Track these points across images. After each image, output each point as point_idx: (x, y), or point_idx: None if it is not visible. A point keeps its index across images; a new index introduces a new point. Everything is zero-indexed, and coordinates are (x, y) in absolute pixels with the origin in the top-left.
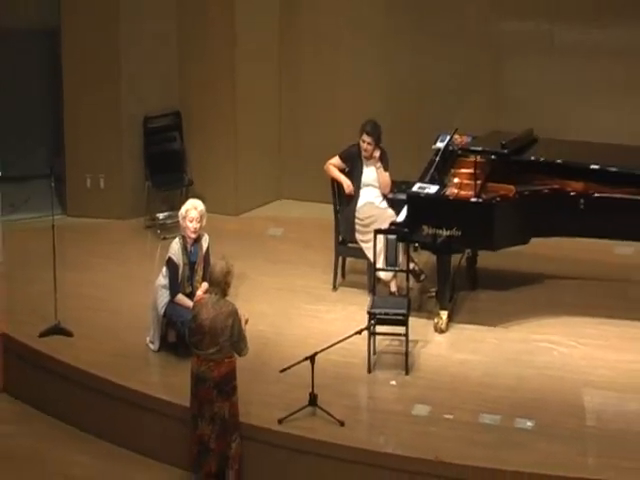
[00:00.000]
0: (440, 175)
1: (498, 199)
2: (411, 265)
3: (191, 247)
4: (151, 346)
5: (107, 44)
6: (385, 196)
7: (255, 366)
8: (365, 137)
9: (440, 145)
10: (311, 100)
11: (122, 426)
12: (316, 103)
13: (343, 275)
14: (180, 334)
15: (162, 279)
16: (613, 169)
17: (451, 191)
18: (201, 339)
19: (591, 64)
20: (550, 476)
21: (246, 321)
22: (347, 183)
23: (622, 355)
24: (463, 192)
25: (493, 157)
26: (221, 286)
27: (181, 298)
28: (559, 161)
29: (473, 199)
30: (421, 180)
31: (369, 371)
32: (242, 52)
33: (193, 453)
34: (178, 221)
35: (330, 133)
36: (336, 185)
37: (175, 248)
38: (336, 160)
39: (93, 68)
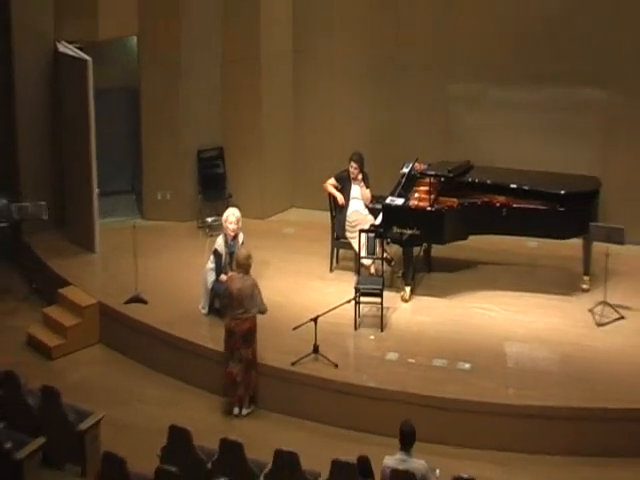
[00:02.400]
0: (405, 191)
1: (445, 208)
2: (385, 254)
3: (231, 242)
4: (202, 311)
5: (172, 97)
6: (366, 206)
7: (274, 324)
8: (352, 164)
9: (405, 170)
10: (315, 136)
11: (179, 365)
12: (319, 139)
13: (337, 261)
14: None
15: (210, 264)
16: (525, 187)
17: (413, 202)
18: (232, 304)
19: (514, 113)
20: (482, 402)
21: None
22: (340, 197)
23: (532, 318)
24: (421, 203)
25: (442, 179)
26: (244, 267)
27: (223, 277)
28: (488, 181)
29: (428, 208)
30: (392, 195)
31: (355, 329)
32: (267, 103)
33: (225, 384)
34: (221, 223)
35: (329, 160)
36: (332, 198)
37: (219, 242)
38: (332, 180)
39: (162, 114)
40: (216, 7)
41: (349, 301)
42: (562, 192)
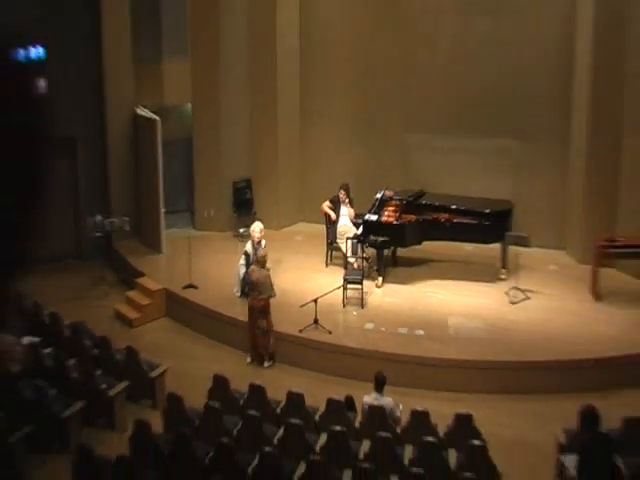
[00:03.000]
0: (378, 210)
1: (406, 222)
2: (364, 255)
3: (256, 246)
4: (236, 294)
5: (214, 145)
6: (351, 221)
7: (286, 303)
8: (341, 191)
9: (378, 195)
10: (316, 172)
11: (219, 331)
12: (319, 173)
13: (330, 259)
14: None
15: (241, 261)
16: (462, 208)
17: (383, 218)
18: (252, 288)
19: (454, 156)
20: (432, 357)
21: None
22: (332, 215)
23: (466, 298)
24: (389, 219)
25: (404, 202)
26: (261, 262)
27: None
28: (436, 203)
29: (394, 222)
30: (369, 213)
31: (343, 307)
32: (281, 151)
33: (250, 345)
34: (249, 233)
35: (326, 188)
36: (327, 215)
37: (248, 246)
38: (327, 203)
39: (208, 157)
40: (245, 82)
41: (339, 287)
42: (487, 211)
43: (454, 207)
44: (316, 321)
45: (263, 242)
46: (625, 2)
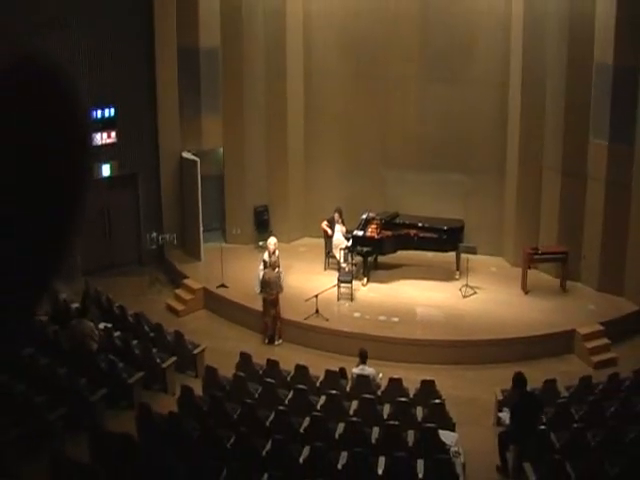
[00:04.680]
0: (363, 227)
1: (384, 237)
2: (353, 261)
3: (271, 255)
4: (256, 291)
5: (240, 179)
6: (344, 236)
7: (293, 298)
8: (336, 213)
9: (364, 216)
10: (317, 198)
11: (244, 318)
12: (319, 199)
13: (328, 265)
14: None
15: (260, 266)
16: (426, 225)
17: (368, 234)
18: (265, 285)
19: (420, 186)
20: (403, 338)
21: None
22: (329, 231)
23: (429, 293)
24: (372, 234)
25: (383, 221)
26: (273, 265)
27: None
28: (407, 222)
29: (376, 237)
30: (356, 229)
31: (337, 300)
32: (290, 178)
33: (263, 328)
34: (267, 245)
35: (324, 210)
36: (325, 232)
37: (265, 255)
38: (325, 222)
39: (236, 188)
40: (263, 131)
41: (334, 286)
42: (445, 227)
43: (420, 225)
44: (317, 311)
45: (277, 252)
46: (545, 73)
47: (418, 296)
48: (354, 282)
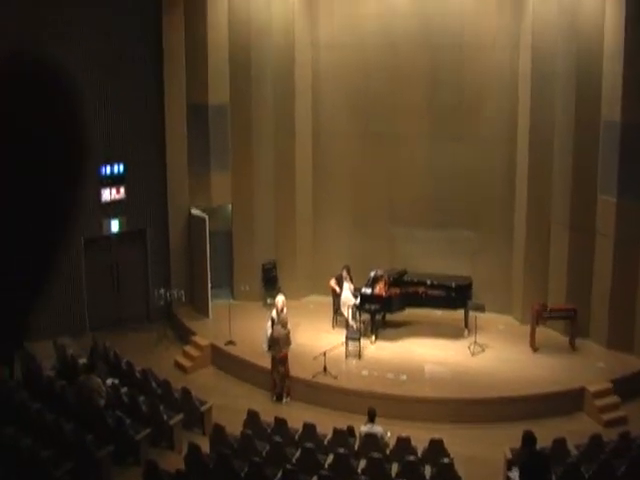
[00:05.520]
0: (371, 285)
1: (392, 294)
2: (361, 319)
3: (280, 312)
4: (264, 348)
5: (249, 236)
6: (352, 293)
7: (300, 355)
8: (344, 271)
9: (372, 273)
10: (325, 257)
11: (251, 376)
12: (327, 258)
13: (336, 322)
14: None
15: (268, 324)
16: (435, 282)
17: (376, 292)
18: (274, 343)
19: (428, 244)
20: (411, 396)
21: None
22: (337, 290)
23: (438, 351)
24: (380, 292)
25: (391, 278)
26: (283, 324)
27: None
28: (415, 279)
29: (384, 295)
30: (364, 286)
31: (345, 358)
32: (298, 235)
33: (271, 385)
34: (274, 303)
35: (332, 268)
36: (333, 290)
37: (273, 313)
38: (333, 280)
39: (244, 245)
40: (271, 188)
41: (342, 344)
42: (453, 285)
43: (428, 282)
44: (325, 369)
45: (285, 309)
46: (553, 130)
47: (426, 354)
48: (362, 340)
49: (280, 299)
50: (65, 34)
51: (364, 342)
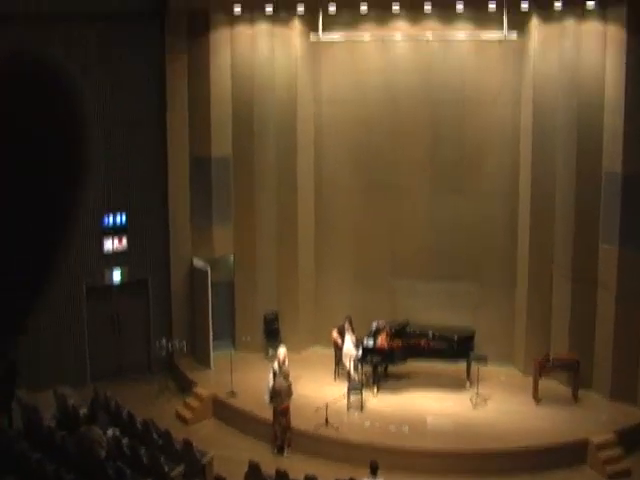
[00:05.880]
0: (374, 337)
1: (394, 347)
2: (363, 371)
3: (281, 364)
4: (266, 400)
5: (251, 288)
6: (354, 344)
7: (301, 407)
8: (346, 323)
9: (374, 324)
10: (328, 305)
11: (253, 428)
12: (329, 306)
13: (338, 374)
14: None
15: (270, 376)
16: (437, 334)
17: (378, 344)
18: (276, 395)
19: (429, 297)
20: (413, 447)
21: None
22: (339, 342)
23: (440, 403)
24: (382, 344)
25: (393, 330)
26: (285, 376)
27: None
28: (417, 331)
29: (386, 347)
30: (366, 337)
31: (347, 410)
32: (300, 287)
33: (272, 437)
34: (276, 355)
35: (334, 318)
36: (334, 342)
37: (275, 365)
38: (335, 331)
39: (246, 296)
40: (273, 241)
41: (344, 396)
42: (455, 338)
43: (430, 334)
44: (326, 421)
45: (286, 361)
46: (554, 183)
47: (428, 405)
48: (364, 392)
49: (282, 351)
50: None
51: (366, 394)
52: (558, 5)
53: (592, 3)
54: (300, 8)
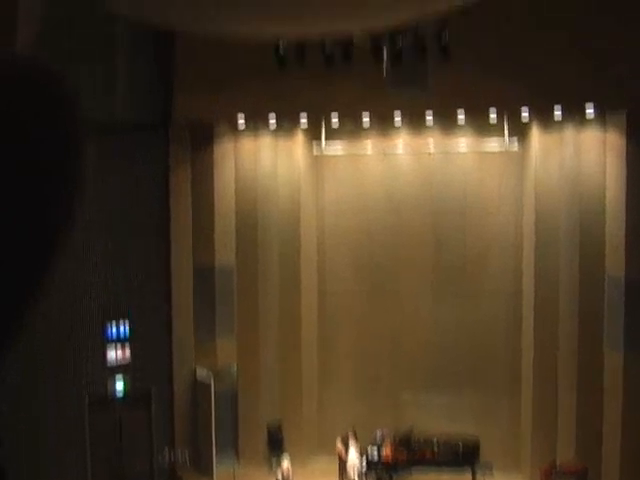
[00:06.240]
0: (378, 446)
1: (399, 457)
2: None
3: (285, 475)
4: None
5: (254, 395)
6: (358, 455)
7: None
8: (350, 433)
9: (378, 435)
10: (332, 416)
11: None
12: (333, 417)
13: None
14: None
15: None
16: (442, 444)
17: (382, 455)
18: None
19: (434, 404)
20: None
21: None
22: (343, 455)
23: None
24: (387, 455)
25: (397, 439)
26: None
27: None
28: (422, 440)
29: (390, 458)
30: (370, 445)
31: None
32: (305, 397)
33: None
34: (280, 466)
35: (337, 429)
36: (339, 455)
37: (279, 477)
38: (339, 441)
39: (248, 407)
40: (276, 349)
41: None
42: (461, 447)
43: (435, 443)
44: None
45: (290, 475)
46: (558, 285)
47: None
48: None
49: (286, 464)
50: None
51: None
52: (558, 114)
53: (591, 111)
54: (303, 120)
